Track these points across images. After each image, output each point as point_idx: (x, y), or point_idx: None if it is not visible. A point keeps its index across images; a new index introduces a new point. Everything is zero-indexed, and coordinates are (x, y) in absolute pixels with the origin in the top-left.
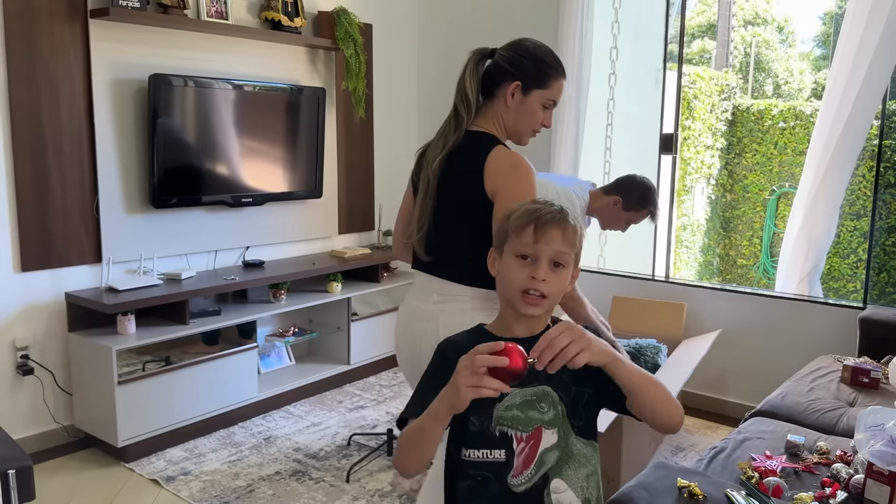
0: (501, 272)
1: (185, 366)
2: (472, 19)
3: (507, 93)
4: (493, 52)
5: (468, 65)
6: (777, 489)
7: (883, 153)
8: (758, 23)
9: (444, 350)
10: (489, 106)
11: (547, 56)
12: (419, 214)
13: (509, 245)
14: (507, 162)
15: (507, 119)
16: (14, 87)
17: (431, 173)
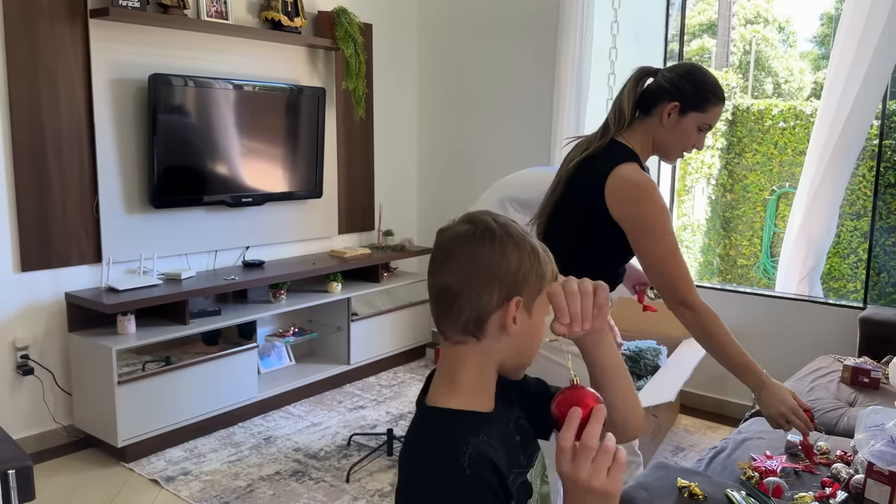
0: (530, 329)
1: (185, 366)
2: (471, 19)
3: (664, 112)
4: (657, 71)
5: (629, 81)
6: (777, 489)
7: (883, 153)
8: (758, 21)
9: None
10: (642, 122)
11: (708, 81)
12: (544, 204)
13: (542, 298)
14: (631, 183)
15: (659, 137)
16: (14, 86)
17: (565, 171)
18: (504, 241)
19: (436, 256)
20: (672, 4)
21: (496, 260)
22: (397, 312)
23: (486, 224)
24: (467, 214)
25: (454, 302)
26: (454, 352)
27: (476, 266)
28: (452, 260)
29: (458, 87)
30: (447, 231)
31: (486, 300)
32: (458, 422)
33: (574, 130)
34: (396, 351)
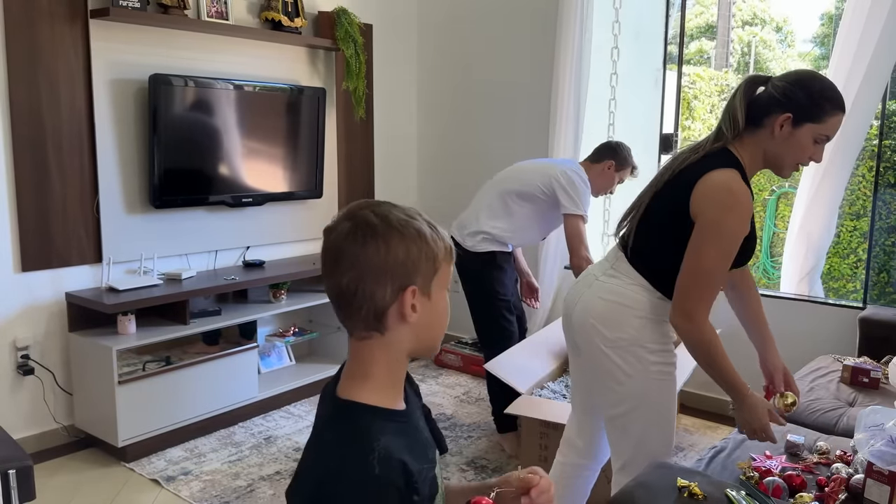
0: (432, 311)
1: (186, 366)
2: (471, 19)
3: (775, 124)
4: (768, 79)
5: (739, 88)
6: (777, 489)
7: (882, 153)
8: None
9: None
10: (752, 134)
11: (826, 89)
12: (641, 194)
13: (439, 277)
14: (725, 187)
15: (771, 149)
16: (14, 87)
17: (668, 166)
18: (386, 234)
19: (326, 259)
20: (672, 5)
21: (382, 255)
22: None
23: (366, 220)
24: (349, 210)
25: (352, 302)
26: (361, 346)
27: (364, 265)
28: (341, 262)
29: (458, 87)
30: (332, 232)
31: (380, 296)
32: (371, 417)
33: (573, 131)
34: None
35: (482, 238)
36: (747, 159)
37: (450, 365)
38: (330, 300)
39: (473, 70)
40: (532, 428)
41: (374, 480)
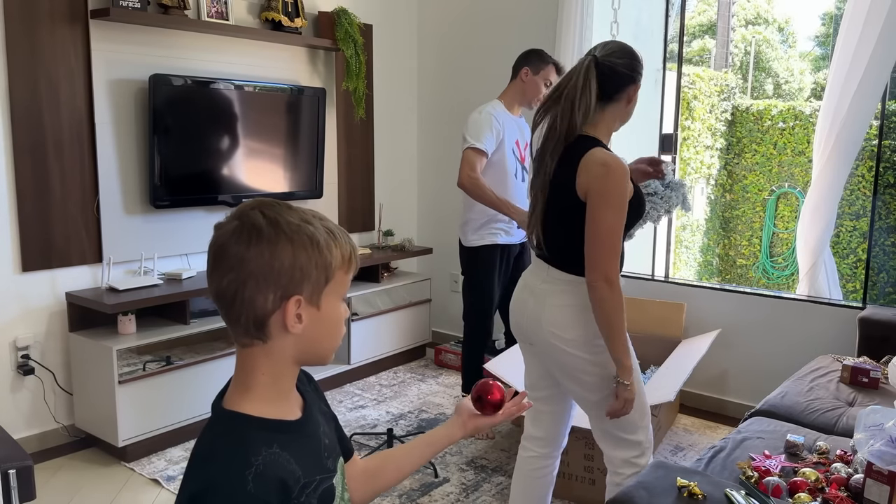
0: (320, 323)
1: (186, 366)
2: (471, 19)
3: (628, 95)
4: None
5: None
6: (776, 489)
7: (882, 153)
8: (758, 22)
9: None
10: (602, 110)
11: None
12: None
13: (333, 287)
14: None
15: (621, 117)
16: (14, 87)
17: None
18: (273, 239)
19: (209, 257)
20: (672, 5)
21: (265, 260)
22: (397, 312)
23: (253, 221)
24: (240, 208)
25: (231, 306)
26: (245, 355)
27: (245, 269)
28: (222, 262)
29: (459, 88)
30: (219, 229)
31: (260, 303)
32: (254, 430)
33: None
34: (396, 351)
35: (462, 227)
36: (604, 133)
37: (450, 365)
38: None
39: (473, 70)
40: None
41: (246, 497)
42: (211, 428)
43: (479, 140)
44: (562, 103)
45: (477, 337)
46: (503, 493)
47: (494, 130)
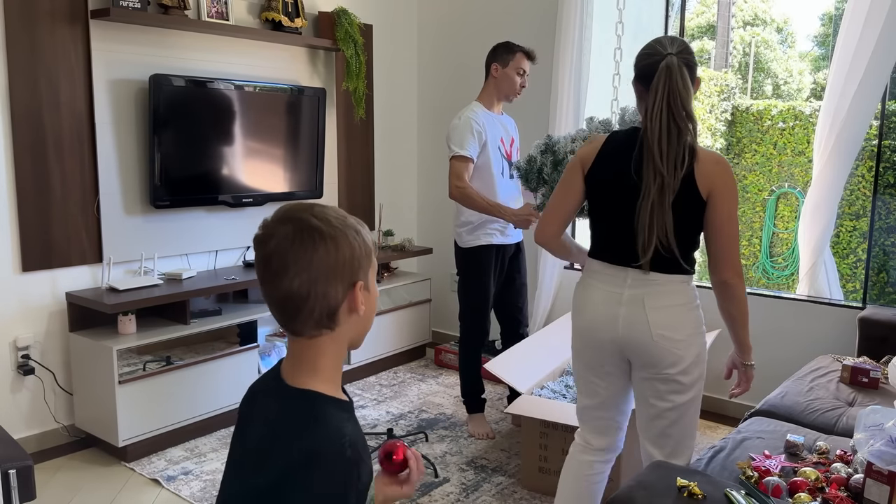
0: (371, 303)
1: (186, 366)
2: (471, 19)
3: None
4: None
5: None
6: (776, 489)
7: (882, 153)
8: (757, 23)
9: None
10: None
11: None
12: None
13: (372, 268)
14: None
15: None
16: (15, 87)
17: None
18: (332, 236)
19: (270, 266)
20: (672, 6)
21: (332, 258)
22: (397, 312)
23: (309, 224)
24: (283, 213)
25: (303, 306)
26: (310, 344)
27: (317, 269)
28: (290, 267)
29: (458, 88)
30: (272, 238)
31: (332, 295)
32: (332, 407)
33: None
34: (396, 351)
35: (457, 228)
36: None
37: (450, 365)
38: (270, 306)
39: (473, 70)
40: (532, 428)
41: (346, 463)
42: (291, 404)
43: (463, 147)
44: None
45: (473, 337)
46: (503, 492)
47: (476, 133)
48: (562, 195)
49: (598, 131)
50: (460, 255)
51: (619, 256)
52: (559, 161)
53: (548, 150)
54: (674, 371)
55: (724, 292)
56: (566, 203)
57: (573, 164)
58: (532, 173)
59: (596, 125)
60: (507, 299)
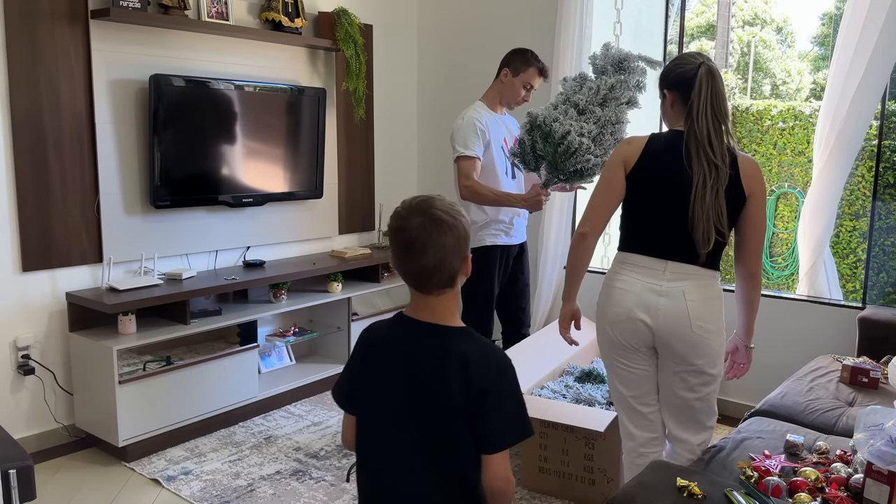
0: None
1: (186, 366)
2: (471, 19)
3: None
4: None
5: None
6: (776, 489)
7: (882, 153)
8: (757, 23)
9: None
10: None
11: None
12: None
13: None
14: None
15: None
16: (15, 87)
17: (705, 171)
18: (453, 223)
19: (412, 248)
20: (672, 6)
21: (454, 239)
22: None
23: (439, 217)
24: (414, 208)
25: (434, 274)
26: (442, 298)
27: (446, 248)
28: (427, 248)
29: (458, 88)
30: (411, 228)
31: (456, 265)
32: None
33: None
34: None
35: None
36: None
37: None
38: (414, 273)
39: (473, 70)
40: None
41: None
42: (457, 339)
43: (468, 147)
44: (712, 108)
45: None
46: None
47: (479, 133)
48: (605, 194)
49: (573, 89)
50: None
51: (660, 249)
52: (548, 133)
53: (533, 127)
54: (704, 362)
55: (750, 283)
56: (609, 201)
57: (615, 164)
58: (527, 154)
59: (570, 84)
60: (510, 299)
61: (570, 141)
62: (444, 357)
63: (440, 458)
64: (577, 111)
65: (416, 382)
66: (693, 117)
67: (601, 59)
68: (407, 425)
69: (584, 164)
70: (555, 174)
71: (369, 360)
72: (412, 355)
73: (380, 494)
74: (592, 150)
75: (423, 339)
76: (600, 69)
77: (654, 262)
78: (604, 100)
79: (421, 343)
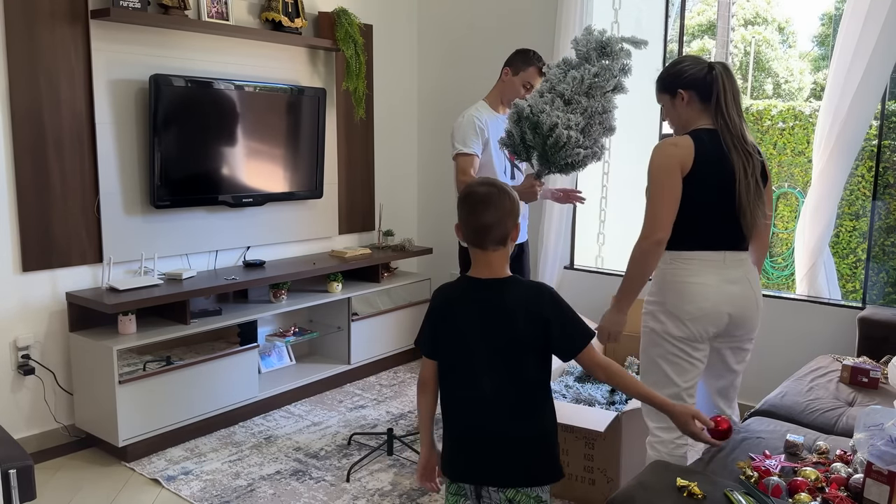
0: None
1: (186, 366)
2: (471, 19)
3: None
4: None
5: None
6: (776, 489)
7: (882, 153)
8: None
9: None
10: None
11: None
12: (737, 194)
13: None
14: None
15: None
16: (15, 87)
17: (745, 160)
18: (509, 192)
19: (477, 206)
20: (672, 5)
21: (510, 202)
22: (397, 312)
23: (501, 187)
24: (483, 181)
25: (490, 231)
26: (496, 255)
27: (503, 210)
28: (488, 208)
29: (458, 88)
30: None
31: (509, 227)
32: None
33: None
34: (396, 351)
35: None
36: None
37: None
38: (476, 227)
39: (473, 70)
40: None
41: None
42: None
43: (466, 144)
44: (735, 102)
45: None
46: None
47: (478, 131)
48: (670, 199)
49: (558, 78)
50: (463, 255)
51: (717, 242)
52: (535, 123)
53: (520, 118)
54: (755, 334)
55: (761, 266)
56: (675, 205)
57: (672, 168)
58: (517, 145)
59: (555, 71)
60: None
61: (558, 134)
62: (506, 301)
63: (511, 377)
64: (563, 101)
65: (488, 324)
66: (723, 113)
67: (583, 44)
68: (483, 357)
69: (575, 157)
70: (546, 166)
71: (448, 314)
72: (481, 304)
73: (466, 419)
74: (581, 143)
75: (488, 290)
76: (584, 56)
77: (715, 255)
78: (589, 89)
79: (486, 294)
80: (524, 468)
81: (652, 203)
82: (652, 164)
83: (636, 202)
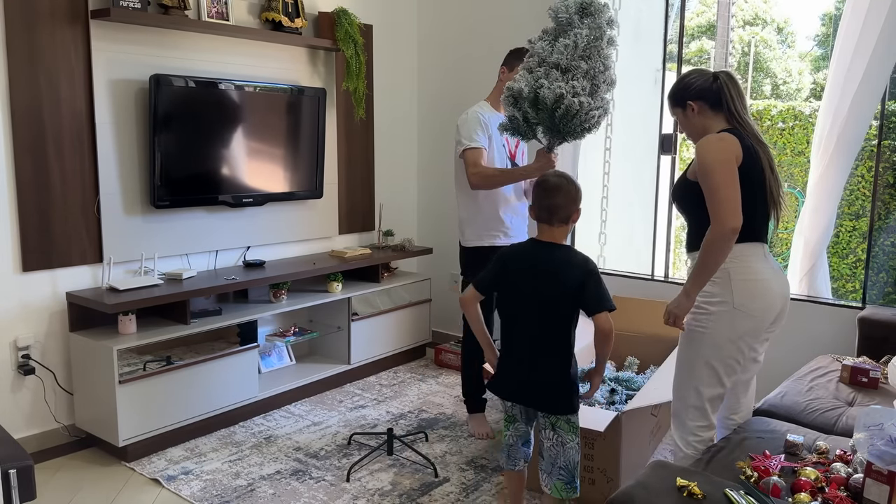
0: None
1: (186, 366)
2: (471, 19)
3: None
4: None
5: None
6: (776, 489)
7: (882, 153)
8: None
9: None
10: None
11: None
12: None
13: None
14: None
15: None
16: (15, 87)
17: (762, 152)
18: (576, 184)
19: (550, 190)
20: (671, 6)
21: (574, 189)
22: (397, 312)
23: (568, 177)
24: (555, 173)
25: (558, 211)
26: (558, 230)
27: (570, 194)
28: (559, 191)
29: (458, 88)
30: (557, 183)
31: (573, 209)
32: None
33: None
34: (396, 350)
35: (460, 226)
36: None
37: (450, 365)
38: (547, 206)
39: (473, 70)
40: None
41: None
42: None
43: (472, 139)
44: (744, 105)
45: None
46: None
47: (483, 125)
48: (733, 188)
49: (546, 51)
50: (464, 254)
51: (760, 234)
52: (535, 100)
53: (517, 99)
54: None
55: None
56: (738, 193)
57: (731, 160)
58: (521, 126)
59: (540, 45)
60: None
61: (567, 104)
62: (557, 260)
63: (551, 321)
64: (560, 71)
65: (540, 276)
66: (736, 116)
67: (563, 10)
68: (532, 303)
69: (589, 121)
70: (558, 136)
71: (510, 264)
72: (538, 260)
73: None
74: (593, 106)
75: (545, 251)
76: (567, 21)
77: (761, 248)
78: (584, 51)
79: (543, 253)
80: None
81: (718, 194)
82: (709, 158)
83: (636, 202)
